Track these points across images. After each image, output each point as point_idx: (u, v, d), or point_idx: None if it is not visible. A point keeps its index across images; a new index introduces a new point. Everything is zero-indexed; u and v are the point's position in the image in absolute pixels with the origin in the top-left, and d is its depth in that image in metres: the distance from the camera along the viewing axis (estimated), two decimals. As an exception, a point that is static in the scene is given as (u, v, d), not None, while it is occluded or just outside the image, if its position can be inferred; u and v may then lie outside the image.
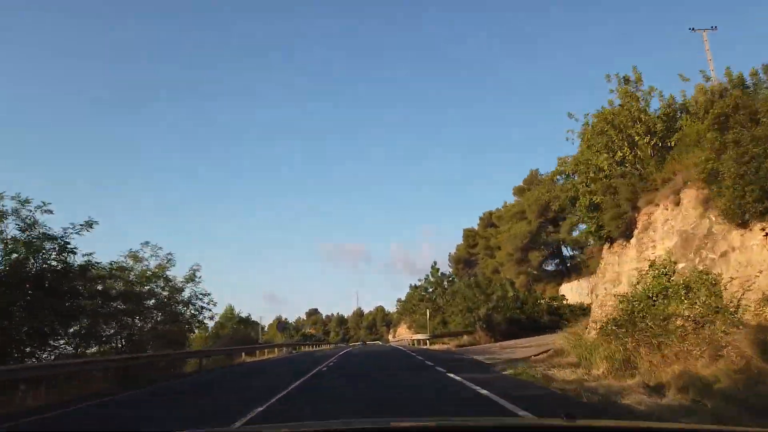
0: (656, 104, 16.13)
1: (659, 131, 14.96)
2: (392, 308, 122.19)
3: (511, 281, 40.60)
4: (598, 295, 16.86)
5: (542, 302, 38.21)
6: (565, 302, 40.17)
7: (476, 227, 67.78)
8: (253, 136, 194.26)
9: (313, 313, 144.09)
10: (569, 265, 49.22)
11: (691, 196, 11.65)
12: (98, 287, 17.76)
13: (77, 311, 15.74)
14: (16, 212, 14.61)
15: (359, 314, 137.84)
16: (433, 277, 48.77)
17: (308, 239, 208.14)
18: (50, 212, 15.09)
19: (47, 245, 14.94)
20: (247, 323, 41.92)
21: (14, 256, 14.36)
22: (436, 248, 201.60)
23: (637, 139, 15.04)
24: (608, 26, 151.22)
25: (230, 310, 39.46)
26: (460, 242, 70.75)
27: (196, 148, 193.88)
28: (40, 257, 14.87)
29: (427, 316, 37.67)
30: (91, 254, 16.26)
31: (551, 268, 50.95)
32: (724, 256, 9.99)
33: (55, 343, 15.47)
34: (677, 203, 12.34)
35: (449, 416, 6.42)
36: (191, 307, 23.48)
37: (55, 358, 15.06)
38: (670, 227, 12.44)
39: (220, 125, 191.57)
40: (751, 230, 9.29)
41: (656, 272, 11.32)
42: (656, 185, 13.49)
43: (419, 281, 51.34)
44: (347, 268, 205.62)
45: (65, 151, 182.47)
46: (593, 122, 16.51)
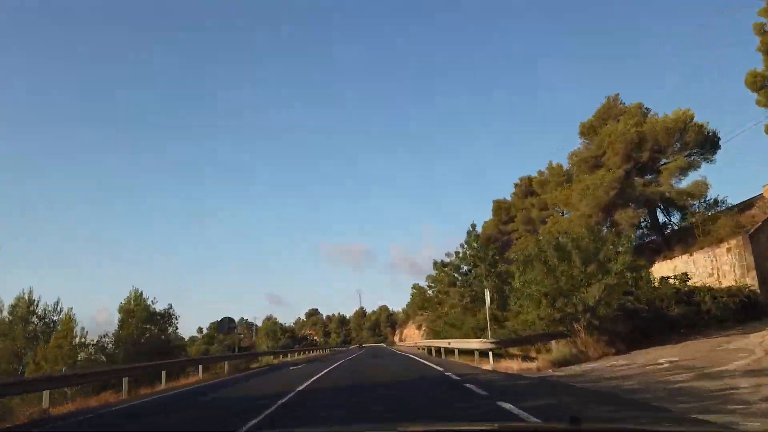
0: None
1: None
2: (397, 308, 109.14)
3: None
4: None
5: (666, 284, 22.07)
6: (694, 284, 24.15)
7: (509, 198, 51.68)
8: (253, 136, 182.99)
9: (312, 313, 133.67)
10: (668, 232, 32.65)
11: None
12: None
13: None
14: None
15: (361, 314, 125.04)
16: (470, 248, 30.03)
17: (308, 239, 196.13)
18: None
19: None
20: (163, 321, 24.86)
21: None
22: (435, 249, 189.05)
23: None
24: None
25: (137, 297, 23.37)
26: (488, 218, 54.25)
27: (196, 147, 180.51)
28: None
29: (487, 300, 19.77)
30: None
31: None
32: None
33: None
34: None
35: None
36: None
37: None
38: None
39: (220, 126, 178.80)
40: None
41: None
42: None
43: (447, 257, 32.88)
44: (349, 268, 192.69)
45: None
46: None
